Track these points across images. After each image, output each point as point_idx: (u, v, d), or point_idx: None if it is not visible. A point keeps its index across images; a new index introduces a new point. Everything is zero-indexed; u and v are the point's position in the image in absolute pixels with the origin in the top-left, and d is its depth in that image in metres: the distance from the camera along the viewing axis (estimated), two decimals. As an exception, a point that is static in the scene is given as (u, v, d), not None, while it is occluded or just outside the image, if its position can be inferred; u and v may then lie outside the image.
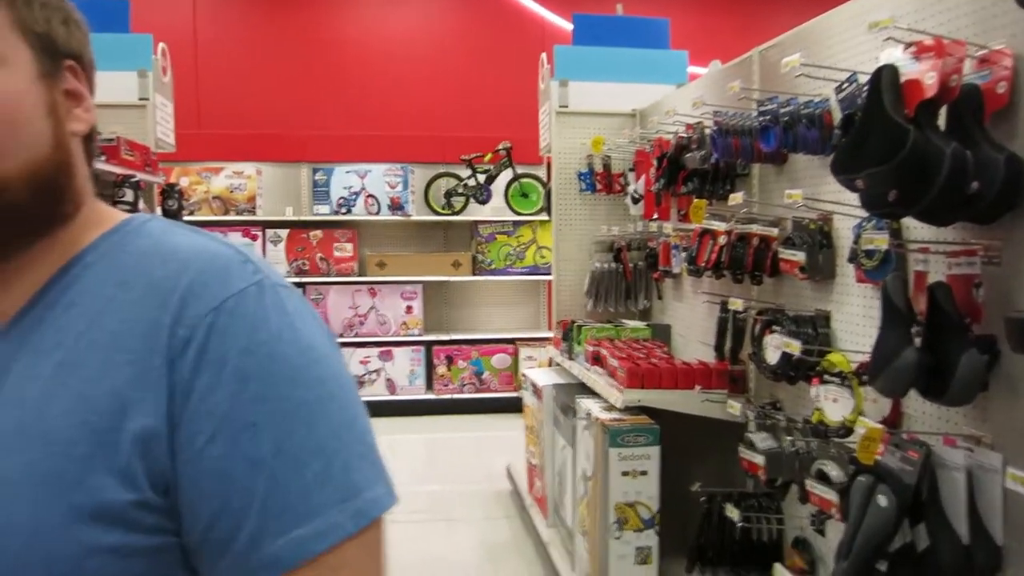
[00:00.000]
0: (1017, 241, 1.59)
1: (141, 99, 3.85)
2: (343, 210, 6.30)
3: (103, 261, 0.67)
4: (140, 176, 3.37)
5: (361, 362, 6.19)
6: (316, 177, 6.35)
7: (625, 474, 2.50)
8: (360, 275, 6.30)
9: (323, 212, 6.31)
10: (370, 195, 6.31)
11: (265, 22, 7.00)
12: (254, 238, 6.21)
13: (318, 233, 6.27)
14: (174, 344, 0.60)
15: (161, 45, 4.07)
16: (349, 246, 6.31)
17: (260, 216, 6.27)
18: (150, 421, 0.59)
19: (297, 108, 6.83)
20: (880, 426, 1.63)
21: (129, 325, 0.62)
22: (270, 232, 6.23)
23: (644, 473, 2.51)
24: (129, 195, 3.15)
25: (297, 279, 6.20)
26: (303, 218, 6.32)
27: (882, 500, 1.54)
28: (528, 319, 6.77)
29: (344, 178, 6.33)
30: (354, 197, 6.32)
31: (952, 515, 1.59)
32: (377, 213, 6.30)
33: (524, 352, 6.32)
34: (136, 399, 0.59)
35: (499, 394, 6.26)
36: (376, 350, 6.22)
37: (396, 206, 6.30)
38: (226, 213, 6.23)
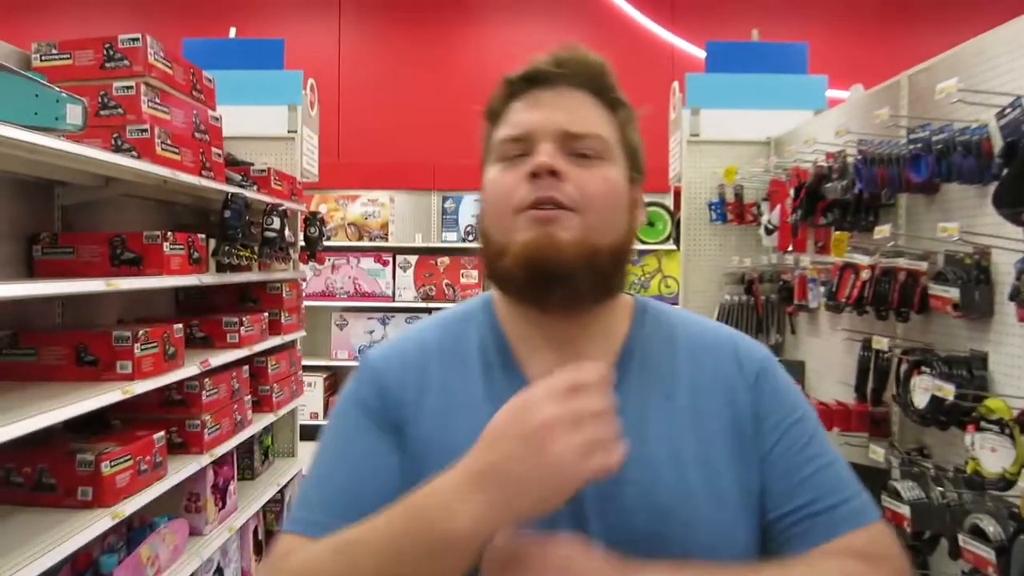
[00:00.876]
0: None
1: (290, 131, 4.12)
2: (470, 237, 6.46)
3: (654, 336, 0.94)
4: (287, 204, 3.59)
5: (483, 386, 6.28)
6: (445, 205, 6.54)
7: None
8: (484, 301, 6.41)
9: (451, 239, 6.49)
10: (498, 223, 6.43)
11: (401, 56, 7.34)
12: (385, 263, 6.46)
13: (445, 260, 6.45)
14: (747, 384, 0.90)
15: (311, 81, 4.35)
16: (475, 273, 6.45)
17: (391, 242, 6.52)
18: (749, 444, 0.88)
19: (429, 137, 7.09)
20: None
21: (715, 378, 0.90)
22: (400, 258, 6.47)
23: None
24: (276, 223, 3.38)
25: (424, 304, 6.39)
26: (432, 245, 6.52)
27: (1051, 563, 1.40)
28: (651, 350, 6.66)
29: (472, 206, 6.49)
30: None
31: None
32: (512, 241, 6.40)
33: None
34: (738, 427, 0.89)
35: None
36: (498, 375, 6.28)
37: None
38: (360, 239, 6.53)
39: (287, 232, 3.48)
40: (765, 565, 0.83)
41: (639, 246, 6.32)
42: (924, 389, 2.05)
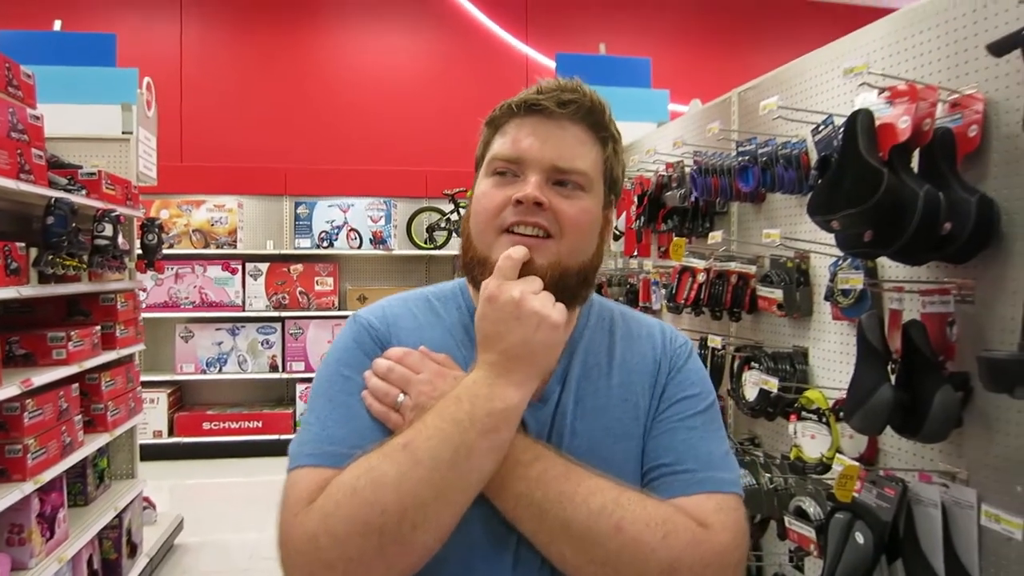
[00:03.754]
0: (990, 280, 1.63)
1: (124, 133, 3.86)
2: (325, 244, 6.31)
3: (597, 326, 1.09)
4: (120, 210, 3.36)
5: (340, 396, 6.14)
6: (298, 211, 6.36)
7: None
8: (340, 309, 6.29)
9: (305, 246, 6.31)
10: (352, 229, 6.32)
11: (249, 57, 7.06)
12: (234, 271, 6.19)
13: (299, 267, 6.26)
14: (663, 366, 1.06)
15: (147, 79, 4.09)
16: (330, 280, 6.30)
17: (241, 249, 6.26)
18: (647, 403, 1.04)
19: (280, 141, 6.86)
20: (857, 464, 1.64)
21: (639, 359, 1.06)
22: (250, 266, 6.22)
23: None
24: (108, 230, 3.14)
25: (276, 313, 6.17)
26: (284, 252, 6.31)
27: (859, 537, 1.55)
28: (509, 354, 6.77)
29: (326, 212, 6.34)
30: (336, 231, 6.33)
31: (928, 551, 1.60)
32: (359, 247, 6.31)
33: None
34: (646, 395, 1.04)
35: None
36: (356, 384, 6.17)
37: (378, 240, 6.32)
38: (206, 246, 6.21)
39: (121, 239, 3.25)
40: (627, 488, 0.95)
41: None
42: (753, 383, 2.21)
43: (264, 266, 6.23)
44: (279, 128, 6.90)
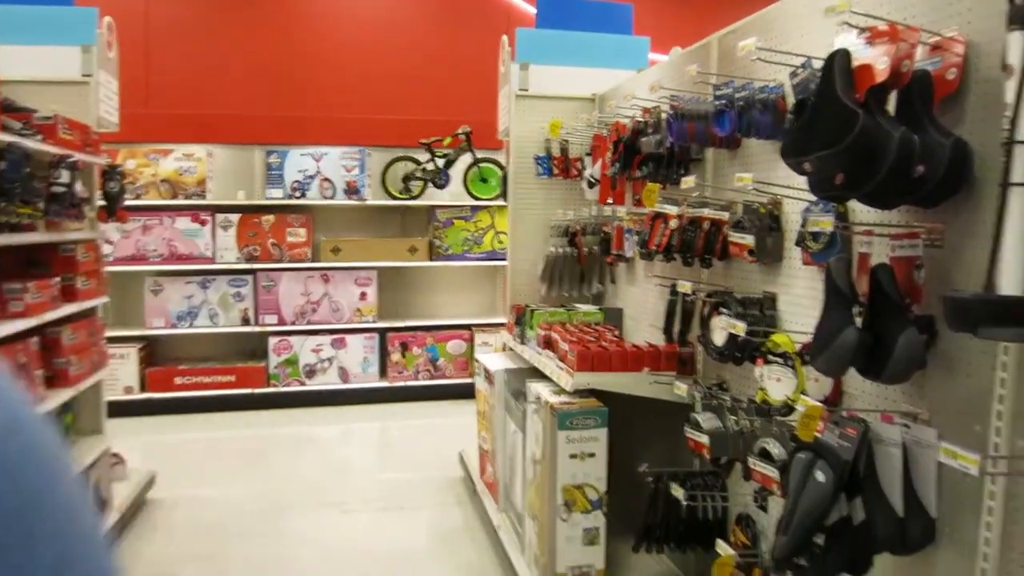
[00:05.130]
0: (959, 224, 1.62)
1: (84, 75, 3.72)
2: (297, 194, 6.20)
3: None
4: (79, 156, 3.25)
5: (313, 350, 6.11)
6: (270, 160, 6.23)
7: (573, 457, 2.50)
8: (314, 261, 6.22)
9: (276, 196, 6.20)
10: (325, 179, 6.22)
11: (219, 1, 6.82)
12: (203, 223, 6.08)
13: (271, 218, 6.16)
14: None
15: (107, 19, 3.94)
16: (303, 231, 6.22)
17: (210, 200, 6.13)
18: None
19: (251, 89, 6.68)
20: (819, 404, 1.65)
21: None
22: (220, 217, 6.11)
23: (592, 455, 2.52)
24: (65, 176, 3.05)
25: (248, 265, 6.09)
26: (255, 202, 6.20)
27: (820, 476, 1.57)
28: (485, 305, 6.76)
29: (299, 161, 6.23)
30: (309, 181, 6.23)
31: (888, 489, 1.62)
32: (332, 197, 6.22)
33: (480, 338, 6.31)
34: None
35: (454, 381, 6.25)
36: (329, 338, 6.15)
37: (352, 190, 6.23)
38: (174, 197, 6.08)
39: (79, 187, 3.16)
40: None
41: (473, 202, 6.36)
42: (722, 328, 2.21)
43: (235, 217, 6.12)
44: (250, 75, 6.72)
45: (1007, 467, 1.47)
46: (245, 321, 6.12)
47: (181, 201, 6.08)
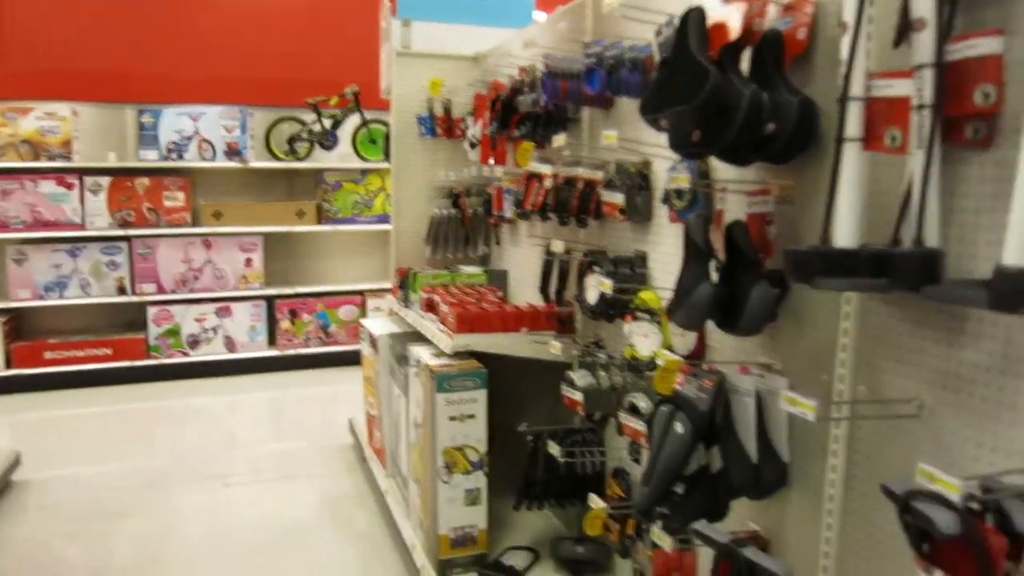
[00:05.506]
0: (807, 181, 1.68)
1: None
2: (174, 156, 5.87)
3: None
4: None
5: (196, 320, 5.86)
6: (143, 119, 5.87)
7: (452, 419, 2.50)
8: (194, 226, 5.92)
9: (151, 158, 5.85)
10: (204, 140, 5.91)
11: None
12: (70, 187, 5.68)
13: (145, 181, 5.82)
14: None
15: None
16: (181, 195, 5.90)
17: (77, 163, 5.72)
18: None
19: (120, 42, 6.23)
20: (676, 358, 1.69)
21: None
22: (89, 180, 5.72)
23: (471, 417, 2.52)
24: None
25: (121, 231, 5.75)
26: (128, 164, 5.83)
27: (679, 427, 1.61)
28: (377, 269, 6.64)
29: (174, 121, 5.89)
30: (186, 142, 5.90)
31: (744, 437, 1.68)
32: (212, 159, 5.92)
33: (372, 303, 6.21)
34: None
35: (347, 347, 6.14)
36: (213, 306, 5.90)
37: (233, 152, 5.95)
38: (36, 159, 5.64)
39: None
40: None
41: (362, 164, 6.20)
42: (593, 287, 2.23)
43: (105, 180, 5.74)
44: (119, 27, 6.26)
45: (848, 412, 1.55)
46: (121, 291, 5.79)
47: (44, 164, 5.64)
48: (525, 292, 3.29)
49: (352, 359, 5.90)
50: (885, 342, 1.54)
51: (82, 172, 5.71)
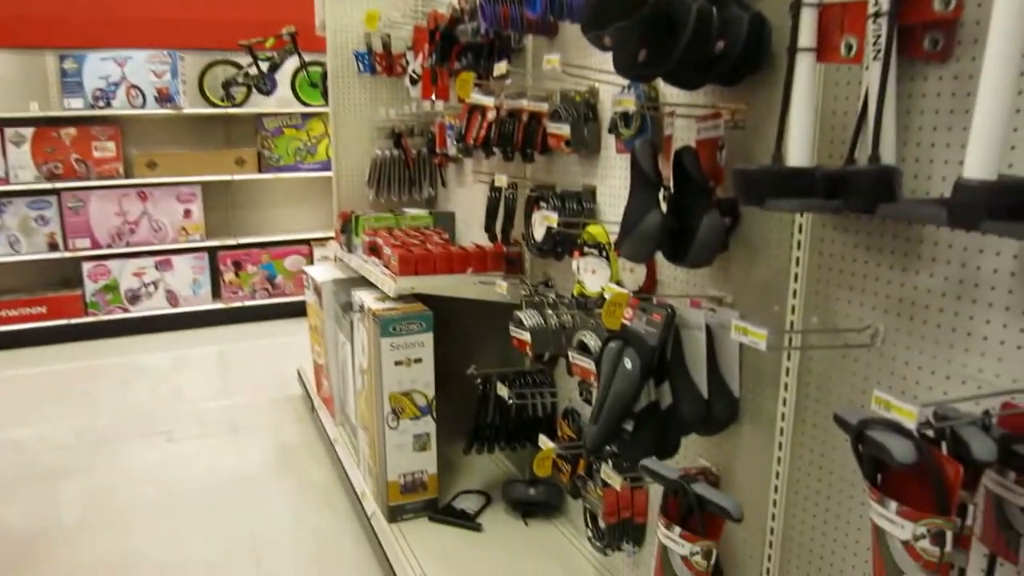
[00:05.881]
0: (759, 103, 1.60)
1: None
2: (100, 103, 5.55)
3: None
4: None
5: (135, 274, 5.63)
6: (65, 66, 5.52)
7: (399, 363, 2.41)
8: (127, 177, 5.65)
9: (76, 106, 5.53)
10: (133, 86, 5.59)
11: None
12: (-10, 136, 5.34)
13: (71, 131, 5.50)
14: None
15: None
16: (111, 145, 5.60)
17: (-4, 111, 5.38)
18: None
19: (33, -19, 5.82)
20: (624, 291, 1.62)
21: None
22: (10, 131, 5.38)
23: (418, 361, 2.43)
24: None
25: (49, 185, 5.45)
26: (52, 114, 5.50)
27: (628, 363, 1.55)
28: (323, 218, 6.45)
29: (99, 66, 5.55)
30: (113, 88, 5.58)
31: (694, 373, 1.63)
32: (142, 106, 5.61)
33: (319, 252, 6.04)
34: None
35: (294, 298, 5.98)
36: (152, 260, 5.67)
37: (165, 98, 5.64)
38: (-50, 107, 5.29)
39: None
40: None
41: (303, 109, 5.96)
42: (540, 223, 2.14)
43: (28, 131, 5.41)
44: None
45: (800, 342, 1.51)
46: (52, 247, 5.52)
47: (-42, 114, 5.29)
48: (473, 233, 3.18)
49: (300, 310, 5.74)
50: (838, 270, 1.48)
51: (2, 123, 5.37)
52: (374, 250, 2.87)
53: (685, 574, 1.46)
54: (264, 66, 5.79)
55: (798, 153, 1.24)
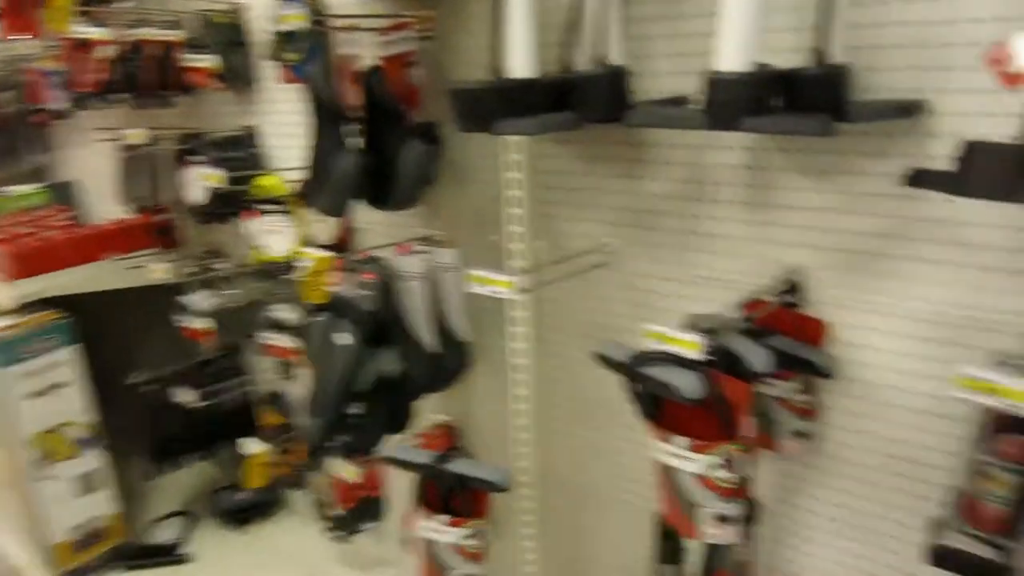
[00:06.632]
0: (449, 9, 1.37)
1: None
2: None
3: None
4: None
5: None
6: None
7: (36, 394, 1.82)
8: None
9: None
10: None
11: None
12: None
13: None
14: None
15: None
16: None
17: None
18: None
19: None
20: (327, 255, 1.33)
21: None
22: None
23: (63, 386, 1.86)
24: None
25: None
26: None
27: (341, 338, 1.26)
28: None
29: None
30: None
31: (417, 328, 1.40)
32: None
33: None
34: None
35: None
36: None
37: None
38: None
39: None
40: None
41: None
42: (197, 182, 1.72)
43: None
44: None
45: (532, 281, 1.34)
46: None
47: None
48: (108, 205, 2.57)
49: None
50: (563, 187, 1.35)
51: None
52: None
53: (460, 563, 1.26)
54: None
55: (522, 62, 1.03)
